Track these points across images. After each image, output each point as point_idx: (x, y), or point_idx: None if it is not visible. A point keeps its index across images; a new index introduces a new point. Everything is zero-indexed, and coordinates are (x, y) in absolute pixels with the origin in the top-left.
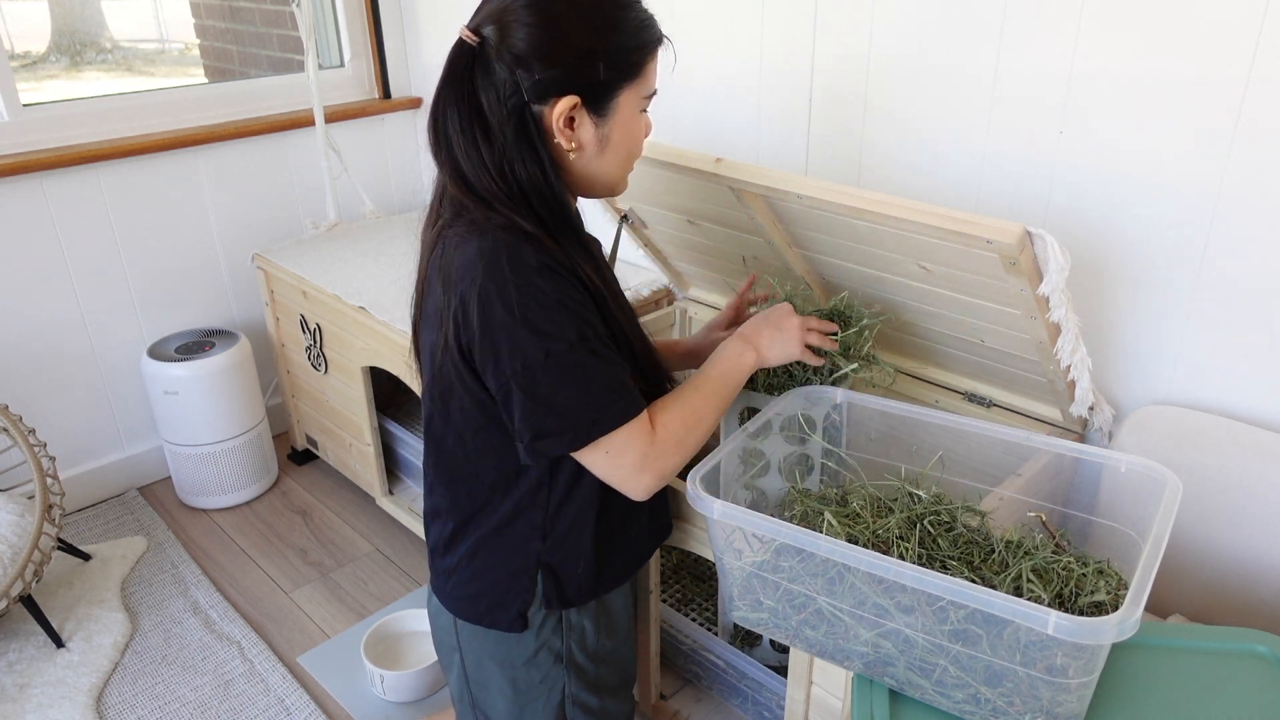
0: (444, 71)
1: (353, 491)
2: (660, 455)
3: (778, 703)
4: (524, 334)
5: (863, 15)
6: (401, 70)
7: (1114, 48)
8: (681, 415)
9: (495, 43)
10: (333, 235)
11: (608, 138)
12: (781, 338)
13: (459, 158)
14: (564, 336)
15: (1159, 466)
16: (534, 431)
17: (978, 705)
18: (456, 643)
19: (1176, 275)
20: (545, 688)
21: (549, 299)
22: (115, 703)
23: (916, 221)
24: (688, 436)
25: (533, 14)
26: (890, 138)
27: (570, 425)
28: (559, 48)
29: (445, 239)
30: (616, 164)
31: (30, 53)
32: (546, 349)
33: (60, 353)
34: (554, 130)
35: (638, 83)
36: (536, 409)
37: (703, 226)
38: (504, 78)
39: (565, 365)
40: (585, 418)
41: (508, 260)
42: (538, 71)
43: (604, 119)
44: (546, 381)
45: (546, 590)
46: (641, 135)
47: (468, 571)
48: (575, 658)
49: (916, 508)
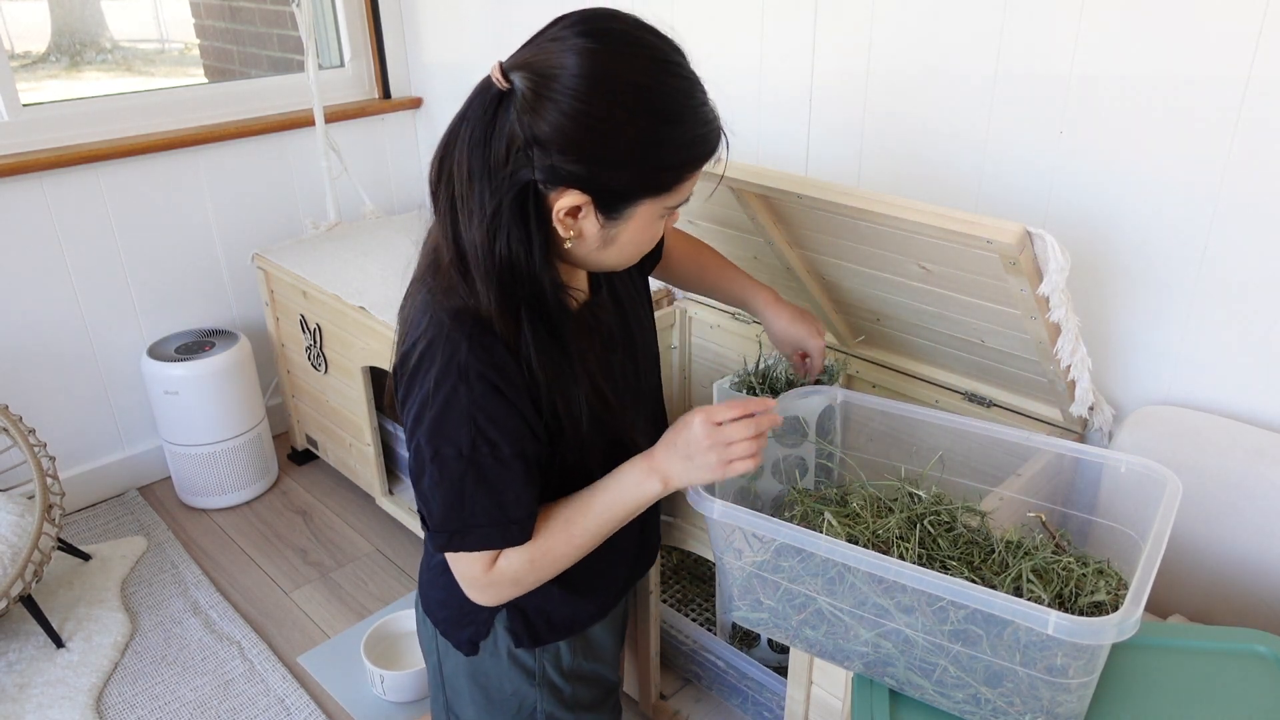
0: (463, 107)
1: (353, 491)
2: (490, 586)
3: (778, 703)
4: (424, 425)
5: (863, 15)
6: (401, 70)
7: (1114, 48)
8: (531, 555)
9: (521, 102)
10: (333, 235)
11: (615, 238)
12: (695, 465)
13: (458, 207)
14: (455, 444)
15: (1159, 466)
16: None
17: (978, 705)
18: (435, 645)
19: (1176, 275)
20: (515, 700)
21: (458, 405)
22: (115, 703)
23: (916, 221)
24: (529, 576)
25: (572, 102)
26: (890, 138)
27: (434, 525)
28: (586, 149)
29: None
30: (620, 258)
31: (30, 53)
32: (436, 449)
33: (60, 353)
34: (554, 215)
35: (666, 196)
36: (417, 491)
37: (703, 226)
38: (519, 144)
39: (446, 473)
40: (450, 528)
41: (443, 349)
42: (554, 158)
43: (614, 222)
44: (429, 477)
45: (514, 627)
46: (656, 236)
47: (441, 580)
48: (549, 677)
49: (916, 508)
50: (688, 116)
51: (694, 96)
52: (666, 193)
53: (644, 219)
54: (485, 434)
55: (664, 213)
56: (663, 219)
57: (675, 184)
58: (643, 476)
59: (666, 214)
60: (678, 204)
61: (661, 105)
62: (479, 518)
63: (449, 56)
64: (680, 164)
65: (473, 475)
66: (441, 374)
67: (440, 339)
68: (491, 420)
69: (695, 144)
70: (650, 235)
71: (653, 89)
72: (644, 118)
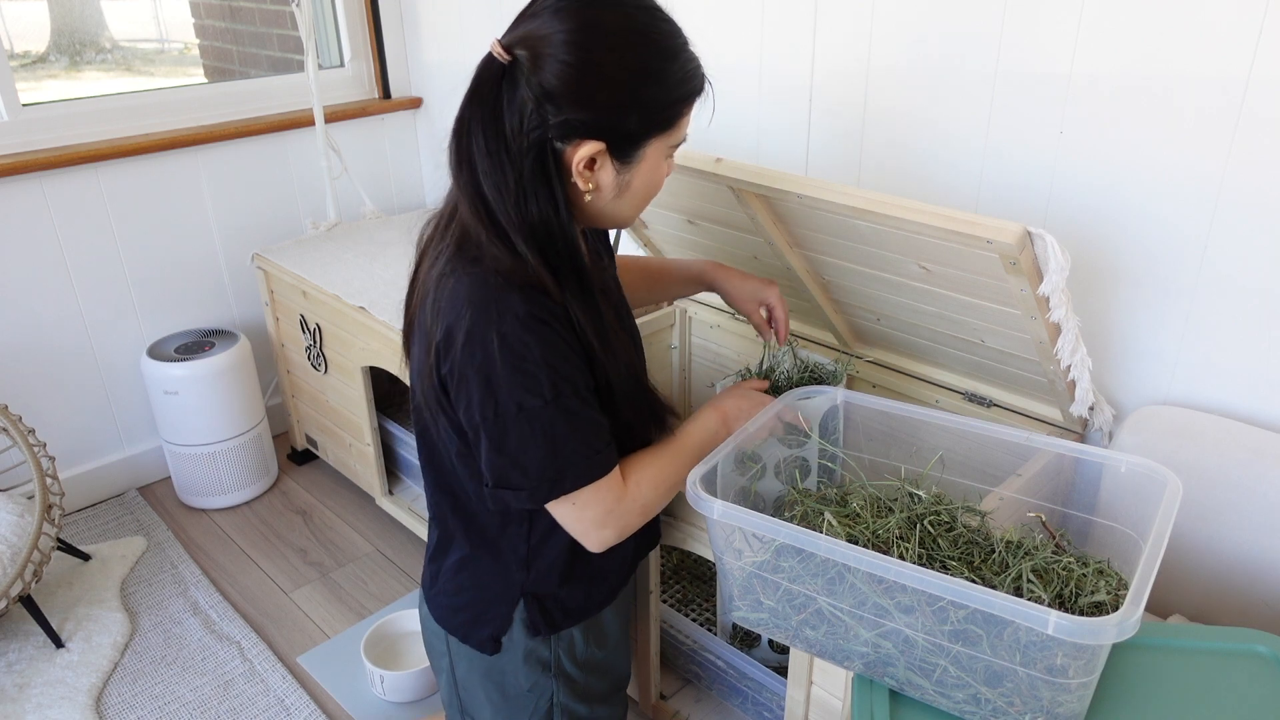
0: (471, 85)
1: (353, 491)
2: (625, 513)
3: (778, 703)
4: (500, 384)
5: (863, 15)
6: (401, 70)
7: (1114, 47)
8: (655, 480)
9: (526, 68)
10: (333, 235)
11: (629, 184)
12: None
13: (481, 181)
14: (539, 393)
15: (1159, 466)
16: (495, 479)
17: (978, 705)
18: (446, 648)
19: (1176, 275)
20: (534, 696)
21: (530, 353)
22: (115, 703)
23: (916, 221)
24: (656, 501)
25: (570, 52)
26: (890, 138)
27: (531, 482)
28: (592, 93)
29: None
30: (632, 207)
31: (30, 52)
32: (519, 403)
33: (60, 353)
34: (573, 170)
35: (669, 134)
36: (501, 460)
37: (703, 226)
38: (530, 107)
39: (536, 422)
40: (548, 476)
41: (496, 307)
42: (566, 112)
43: (627, 166)
44: (516, 435)
45: (532, 617)
46: (662, 180)
47: (453, 584)
48: (564, 667)
49: (916, 508)
50: (678, 52)
51: (679, 36)
52: (670, 129)
53: (652, 160)
54: (562, 373)
55: (668, 152)
56: (667, 160)
57: (677, 119)
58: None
59: (669, 154)
60: (679, 141)
61: (653, 43)
62: (572, 457)
63: (449, 56)
64: (678, 99)
65: (562, 418)
66: (504, 331)
67: (491, 301)
68: (564, 360)
69: (688, 79)
70: (657, 179)
71: (642, 31)
72: (638, 56)
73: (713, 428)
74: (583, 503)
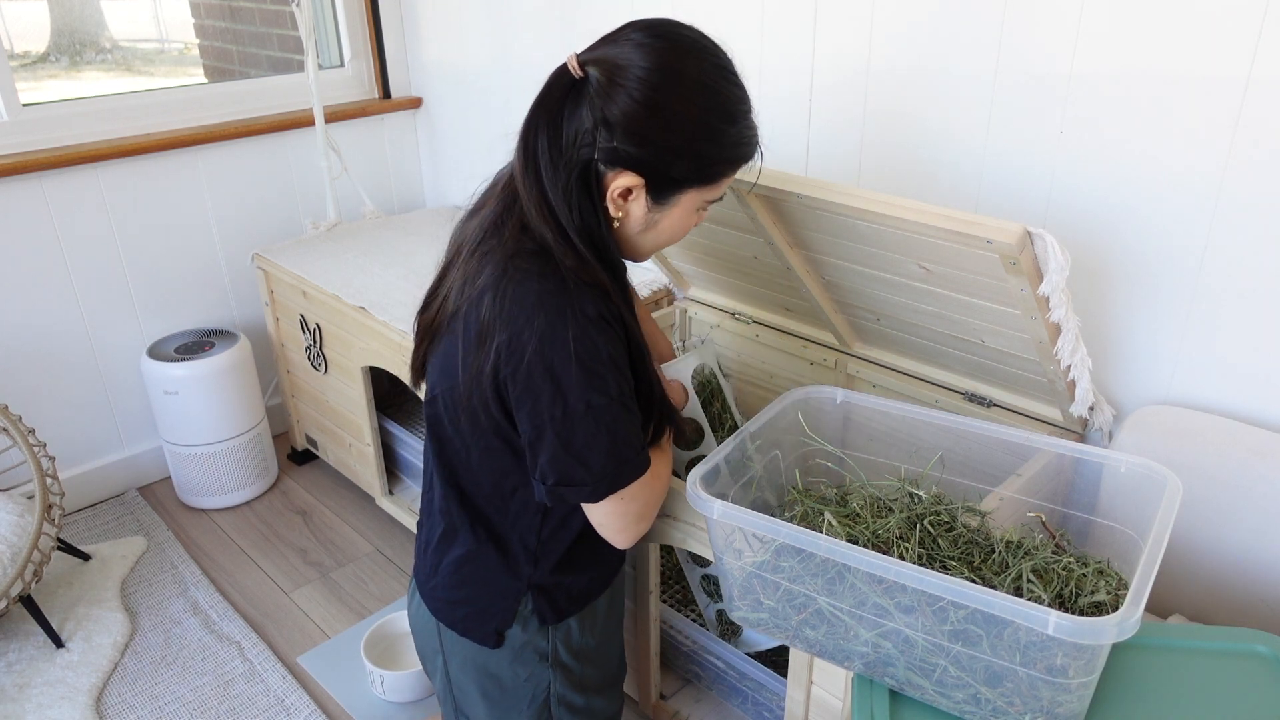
0: (541, 91)
1: (353, 491)
2: (649, 514)
3: (778, 703)
4: (571, 383)
5: (863, 15)
6: (401, 70)
7: (1114, 48)
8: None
9: (595, 90)
10: (333, 235)
11: (657, 223)
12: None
13: (546, 185)
14: (606, 391)
15: (1159, 466)
16: (558, 477)
17: (978, 705)
18: (439, 644)
19: (1176, 275)
20: (530, 686)
21: (600, 353)
22: (115, 703)
23: (916, 221)
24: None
25: (643, 90)
26: (890, 138)
27: (594, 478)
28: (650, 134)
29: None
30: (652, 244)
31: (30, 52)
32: (588, 401)
33: (60, 353)
34: (607, 195)
35: (708, 189)
36: (567, 457)
37: (703, 226)
38: (586, 125)
39: (602, 419)
40: (609, 472)
41: (570, 309)
42: (620, 141)
43: (660, 207)
44: (583, 432)
45: (540, 608)
46: (688, 229)
47: (455, 578)
48: (561, 657)
49: (916, 508)
50: (739, 118)
51: (745, 102)
52: (710, 185)
53: (685, 208)
54: (623, 372)
55: (702, 205)
56: (698, 212)
57: (719, 178)
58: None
59: (704, 207)
60: (715, 198)
61: (720, 104)
62: (628, 453)
63: (449, 56)
64: (728, 160)
65: (623, 415)
66: (577, 331)
67: (565, 305)
68: (624, 359)
69: (742, 144)
70: (685, 226)
71: (714, 88)
72: (704, 111)
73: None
74: (630, 496)
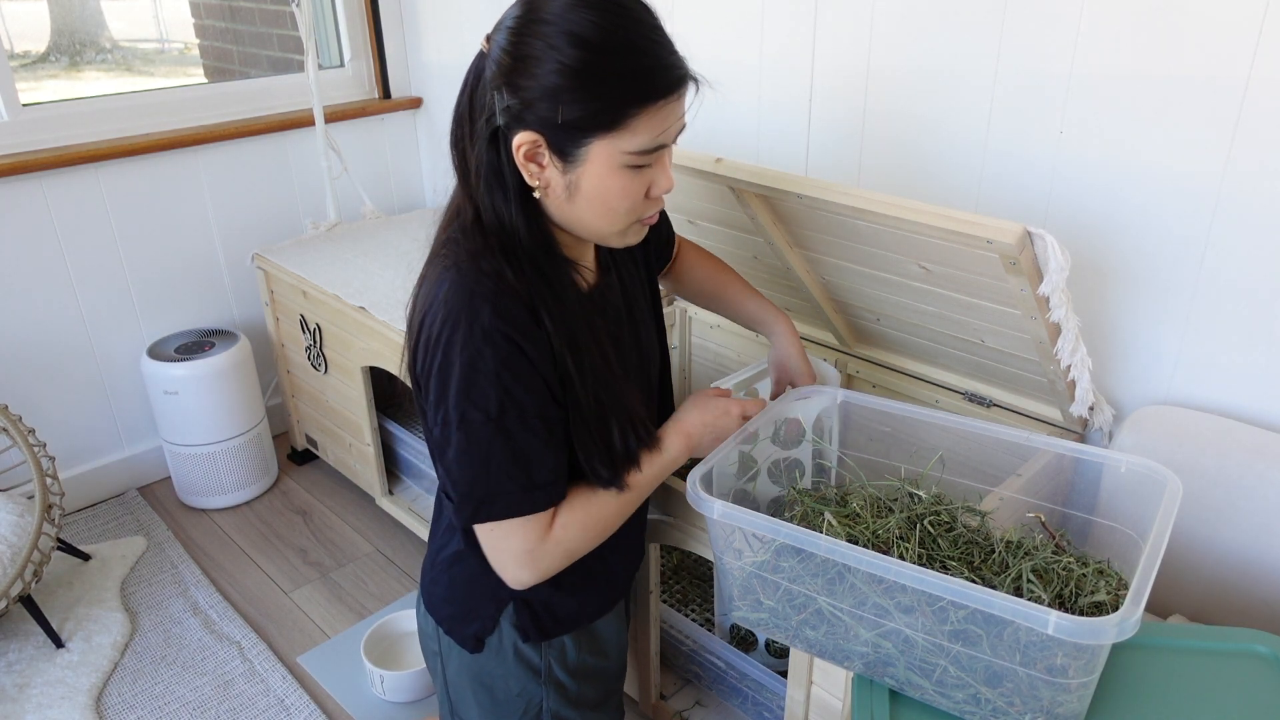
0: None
1: (353, 491)
2: (545, 556)
3: (778, 703)
4: (450, 391)
5: (863, 15)
6: (401, 70)
7: (1114, 48)
8: (585, 523)
9: (490, 57)
10: (333, 235)
11: (576, 185)
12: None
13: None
14: (484, 408)
15: (1159, 466)
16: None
17: (978, 705)
18: (438, 647)
19: (1176, 275)
20: (522, 701)
21: (484, 366)
22: (115, 703)
23: (916, 221)
24: (583, 544)
25: (508, 37)
26: (890, 138)
27: (459, 498)
28: (519, 79)
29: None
30: (592, 215)
31: (30, 53)
32: (462, 413)
33: (60, 353)
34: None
35: (615, 135)
36: (441, 468)
37: (703, 226)
38: (488, 95)
39: (475, 438)
40: (475, 496)
41: (467, 311)
42: (505, 98)
43: (570, 165)
44: (454, 446)
45: (523, 622)
46: (628, 193)
47: (446, 575)
48: (555, 674)
49: (916, 508)
50: (620, 46)
51: (631, 31)
52: (614, 131)
53: (603, 163)
54: (512, 394)
55: (626, 160)
56: (629, 171)
57: (620, 121)
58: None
59: (631, 162)
60: (638, 149)
61: (586, 34)
62: (505, 484)
63: (449, 56)
64: (619, 98)
65: (500, 440)
66: (466, 338)
67: (462, 306)
68: (517, 380)
69: (636, 77)
70: (618, 187)
71: (576, 20)
72: (567, 46)
73: (673, 455)
74: (502, 534)
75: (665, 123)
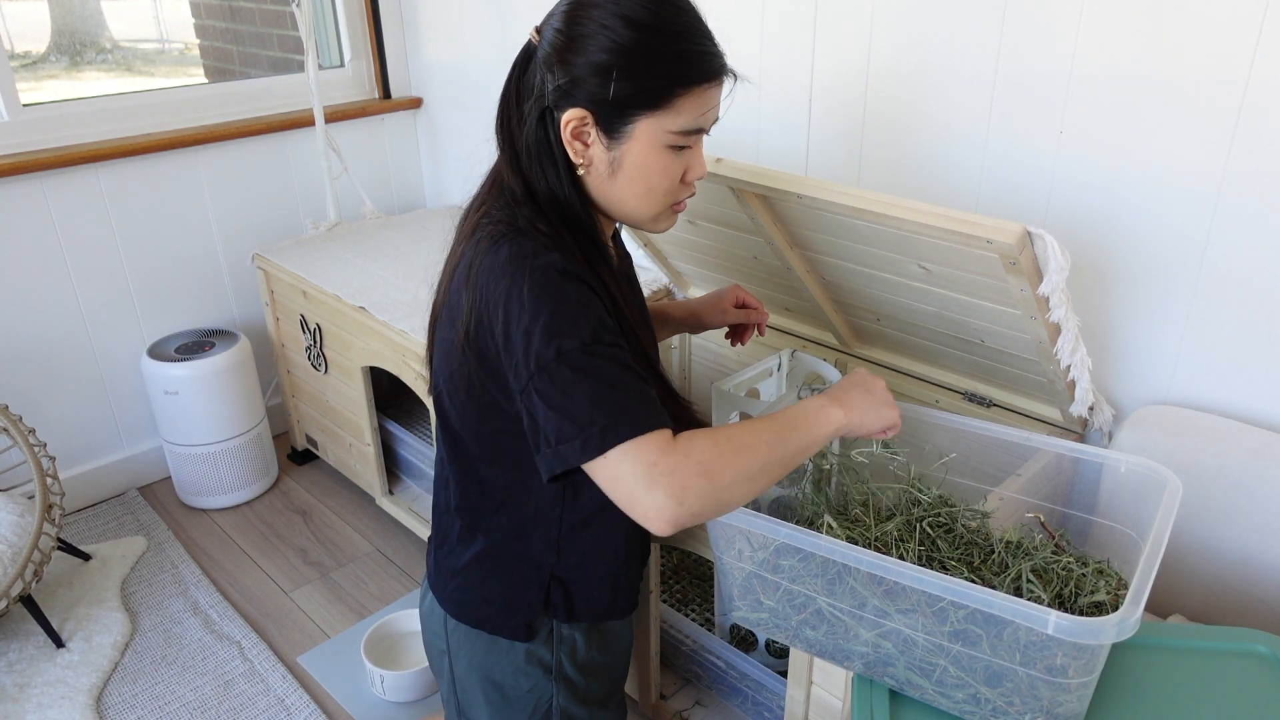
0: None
1: (353, 491)
2: (675, 470)
3: (778, 703)
4: (539, 333)
5: (863, 15)
6: (401, 70)
7: (1114, 48)
8: (714, 437)
9: (538, 41)
10: (333, 235)
11: (619, 162)
12: (874, 401)
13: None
14: (577, 334)
15: (1159, 466)
16: (551, 436)
17: (978, 705)
18: (446, 646)
19: (1176, 275)
20: (533, 697)
21: (567, 296)
22: (115, 703)
23: (916, 221)
24: (717, 460)
25: (563, 19)
26: (890, 138)
27: (581, 430)
28: (572, 57)
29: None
30: (631, 194)
31: (30, 53)
32: (558, 347)
33: (60, 353)
34: (563, 137)
35: (660, 115)
36: (551, 412)
37: (703, 226)
38: (537, 78)
39: (578, 363)
40: (598, 422)
41: (537, 264)
42: (557, 77)
43: (615, 142)
44: (560, 381)
45: (554, 600)
46: (668, 173)
47: (476, 575)
48: (565, 670)
49: (916, 510)
50: (670, 30)
51: (680, 17)
52: (660, 110)
53: (646, 141)
54: (603, 322)
55: (671, 140)
56: (674, 150)
57: (667, 100)
58: (824, 401)
59: (675, 143)
60: (680, 129)
61: (638, 16)
62: (624, 402)
63: (449, 56)
64: (668, 76)
65: (604, 361)
66: (542, 282)
67: (529, 258)
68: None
69: (683, 59)
70: (659, 165)
71: (629, 3)
72: (626, 26)
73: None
74: (631, 458)
75: (706, 106)
